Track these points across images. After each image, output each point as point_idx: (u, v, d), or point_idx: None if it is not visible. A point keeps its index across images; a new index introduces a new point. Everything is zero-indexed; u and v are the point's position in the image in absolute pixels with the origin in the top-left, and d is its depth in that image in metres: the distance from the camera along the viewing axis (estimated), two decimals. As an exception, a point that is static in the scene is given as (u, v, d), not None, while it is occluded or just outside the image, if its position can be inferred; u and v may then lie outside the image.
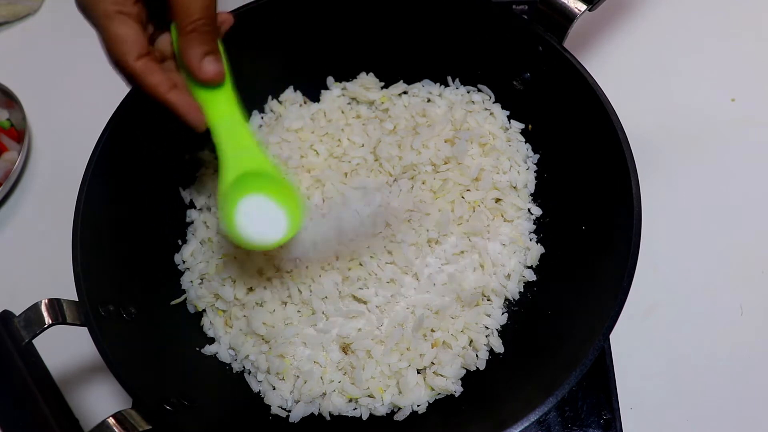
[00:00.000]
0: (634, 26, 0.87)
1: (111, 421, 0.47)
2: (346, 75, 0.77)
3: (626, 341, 0.65)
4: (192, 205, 0.72)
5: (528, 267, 0.67)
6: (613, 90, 0.61)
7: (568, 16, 0.61)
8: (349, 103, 0.77)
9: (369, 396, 0.61)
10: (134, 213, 0.65)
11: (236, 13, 0.67)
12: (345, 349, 0.62)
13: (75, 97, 0.87)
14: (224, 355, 0.64)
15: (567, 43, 0.64)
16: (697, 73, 0.82)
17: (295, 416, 0.60)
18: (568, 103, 0.64)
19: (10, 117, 0.84)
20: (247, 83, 0.75)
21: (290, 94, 0.77)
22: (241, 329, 0.64)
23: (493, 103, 0.75)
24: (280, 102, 0.77)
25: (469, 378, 0.62)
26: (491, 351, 0.63)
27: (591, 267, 0.60)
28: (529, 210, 0.70)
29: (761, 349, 0.66)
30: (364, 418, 0.60)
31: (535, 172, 0.71)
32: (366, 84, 0.76)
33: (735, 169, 0.76)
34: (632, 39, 0.86)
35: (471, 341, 0.63)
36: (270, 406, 0.61)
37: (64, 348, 0.66)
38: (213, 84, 0.52)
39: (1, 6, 0.92)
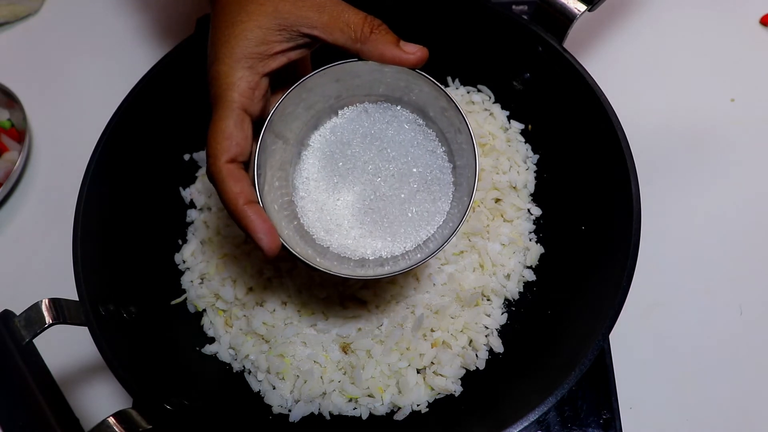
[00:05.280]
0: (634, 26, 0.87)
1: (111, 420, 0.47)
2: (346, 75, 0.77)
3: (626, 341, 0.65)
4: (192, 205, 0.72)
5: (528, 267, 0.67)
6: (613, 90, 0.61)
7: (568, 17, 0.61)
8: (349, 103, 0.77)
9: (369, 396, 0.61)
10: (134, 213, 0.65)
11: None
12: (345, 348, 0.62)
13: (75, 97, 0.87)
14: (224, 355, 0.64)
15: (567, 43, 0.64)
16: (697, 73, 0.82)
17: (295, 416, 0.60)
18: (568, 103, 0.64)
19: (10, 117, 0.84)
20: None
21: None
22: (241, 329, 0.64)
23: (493, 103, 0.75)
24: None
25: (469, 378, 0.62)
26: (491, 351, 0.63)
27: (591, 267, 0.60)
28: (528, 210, 0.70)
29: (761, 349, 0.66)
30: (364, 417, 0.60)
31: (534, 172, 0.71)
32: (366, 84, 0.76)
33: (735, 169, 0.76)
34: (632, 39, 0.86)
35: (471, 341, 0.63)
36: (270, 405, 0.61)
37: (65, 347, 0.66)
38: (422, 64, 0.49)
39: (1, 6, 0.92)
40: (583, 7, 0.61)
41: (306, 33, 0.48)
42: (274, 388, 0.62)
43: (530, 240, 0.68)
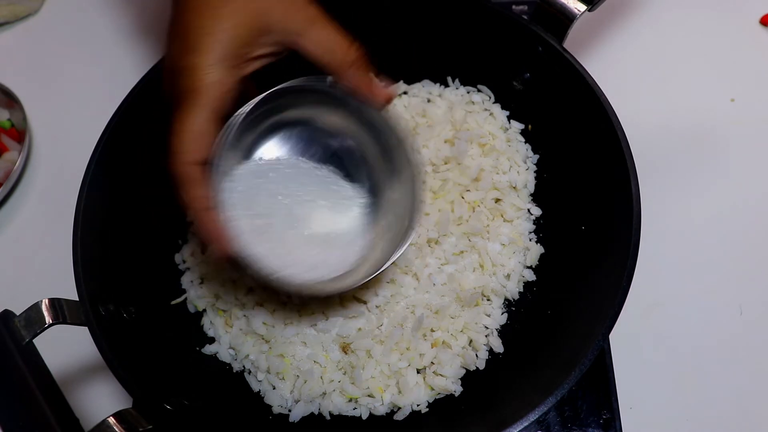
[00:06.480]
0: (634, 26, 0.87)
1: (111, 420, 0.47)
2: (346, 75, 0.77)
3: (626, 341, 0.65)
4: (192, 205, 0.72)
5: (528, 267, 0.67)
6: (613, 90, 0.61)
7: (568, 17, 0.61)
8: (349, 104, 0.77)
9: (369, 396, 0.61)
10: (134, 213, 0.65)
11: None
12: (345, 348, 0.62)
13: (75, 97, 0.87)
14: (224, 355, 0.64)
15: (567, 43, 0.64)
16: (697, 73, 0.83)
17: (295, 416, 0.60)
18: (568, 103, 0.64)
19: (10, 117, 0.84)
20: (248, 83, 0.76)
21: (290, 95, 0.77)
22: (242, 329, 0.64)
23: (493, 103, 0.75)
24: (280, 102, 0.77)
25: (469, 378, 0.62)
26: (491, 351, 0.63)
27: (591, 267, 0.60)
28: (528, 210, 0.70)
29: (761, 348, 0.66)
30: (364, 417, 0.60)
31: (534, 172, 0.71)
32: (366, 84, 0.76)
33: (734, 169, 0.76)
34: (632, 39, 0.86)
35: (471, 341, 0.63)
36: (270, 405, 0.61)
37: (65, 348, 0.66)
38: (387, 105, 0.52)
39: (1, 6, 0.92)
40: (583, 7, 0.61)
41: (290, 43, 0.47)
42: (274, 388, 0.62)
43: (530, 240, 0.68)
